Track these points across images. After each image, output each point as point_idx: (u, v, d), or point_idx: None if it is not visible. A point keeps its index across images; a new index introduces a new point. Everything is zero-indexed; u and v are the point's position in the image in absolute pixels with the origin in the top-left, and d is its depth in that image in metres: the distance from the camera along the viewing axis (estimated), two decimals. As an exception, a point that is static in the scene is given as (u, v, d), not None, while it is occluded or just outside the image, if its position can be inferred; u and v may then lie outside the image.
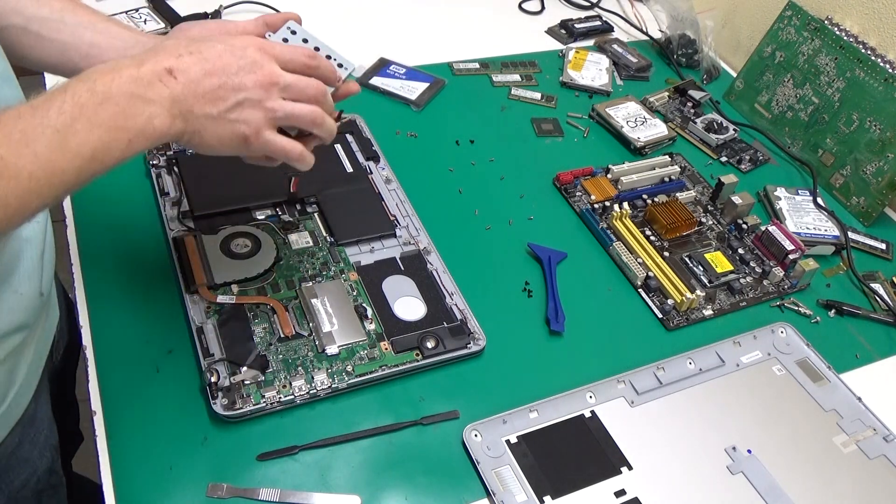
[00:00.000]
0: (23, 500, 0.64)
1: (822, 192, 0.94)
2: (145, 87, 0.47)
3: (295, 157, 0.56)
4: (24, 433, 0.61)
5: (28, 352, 0.58)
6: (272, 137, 0.53)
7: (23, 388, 0.59)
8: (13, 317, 0.53)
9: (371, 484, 0.59)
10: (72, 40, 0.59)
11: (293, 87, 0.53)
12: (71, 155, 0.43)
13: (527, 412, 0.64)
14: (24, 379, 0.58)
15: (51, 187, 0.43)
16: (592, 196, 0.88)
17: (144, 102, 0.46)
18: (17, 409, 0.59)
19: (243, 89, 0.50)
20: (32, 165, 0.42)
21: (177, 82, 0.48)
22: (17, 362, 0.57)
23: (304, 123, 0.55)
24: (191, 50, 0.49)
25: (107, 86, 0.45)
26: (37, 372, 0.62)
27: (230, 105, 0.50)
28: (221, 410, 0.60)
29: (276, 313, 0.68)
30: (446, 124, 0.97)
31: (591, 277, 0.80)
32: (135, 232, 0.75)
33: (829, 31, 0.97)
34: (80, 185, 0.45)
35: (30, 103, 0.43)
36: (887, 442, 0.67)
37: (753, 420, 0.67)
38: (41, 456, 0.65)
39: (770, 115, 1.05)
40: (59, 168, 0.43)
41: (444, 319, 0.70)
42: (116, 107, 0.45)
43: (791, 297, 0.81)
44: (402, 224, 0.80)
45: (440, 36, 1.14)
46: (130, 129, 0.46)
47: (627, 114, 1.01)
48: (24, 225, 0.52)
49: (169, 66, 0.48)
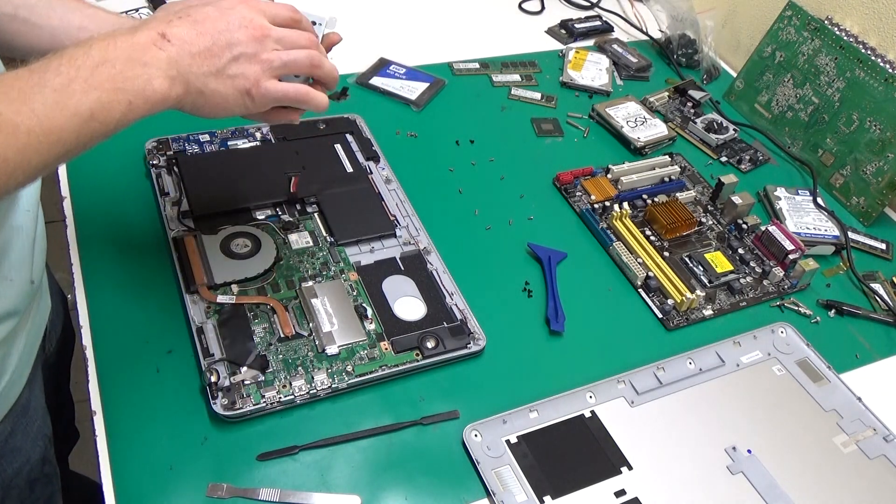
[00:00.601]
0: (15, 489, 0.64)
1: (822, 192, 0.94)
2: (141, 51, 0.48)
3: (302, 97, 0.56)
4: (16, 422, 0.61)
5: (19, 340, 0.59)
6: (273, 85, 0.54)
7: (15, 376, 0.59)
8: (4, 303, 0.54)
9: (371, 484, 0.59)
10: (61, 25, 0.60)
11: (286, 38, 0.54)
12: (69, 113, 0.44)
13: (527, 412, 0.64)
14: (15, 367, 0.59)
15: (50, 144, 0.44)
16: (592, 196, 0.88)
17: (141, 65, 0.48)
18: (9, 397, 0.59)
19: (237, 44, 0.52)
20: (30, 121, 0.42)
21: (171, 45, 0.49)
22: (9, 350, 0.57)
23: (302, 68, 0.55)
24: (180, 15, 0.51)
25: (103, 50, 0.47)
26: (29, 361, 0.62)
27: (226, 61, 0.52)
28: (221, 410, 0.60)
29: (276, 313, 0.68)
30: (446, 124, 0.97)
31: (591, 277, 0.80)
32: (135, 232, 0.75)
33: (829, 31, 0.97)
34: (81, 146, 0.46)
35: (27, 66, 0.44)
36: (887, 442, 0.67)
37: (753, 420, 0.67)
38: (34, 445, 0.65)
39: (770, 115, 1.05)
40: (56, 125, 0.44)
41: (444, 319, 0.70)
42: (113, 69, 0.46)
43: (791, 297, 0.81)
44: (402, 224, 0.80)
45: (440, 36, 1.14)
46: (129, 90, 0.47)
47: (627, 114, 1.01)
48: (15, 213, 0.53)
49: (161, 31, 0.49)
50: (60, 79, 0.44)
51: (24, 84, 0.43)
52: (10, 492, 0.64)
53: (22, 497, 0.65)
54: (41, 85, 0.43)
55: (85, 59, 0.45)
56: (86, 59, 0.45)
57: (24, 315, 0.58)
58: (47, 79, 0.44)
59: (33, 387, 0.64)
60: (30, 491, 0.66)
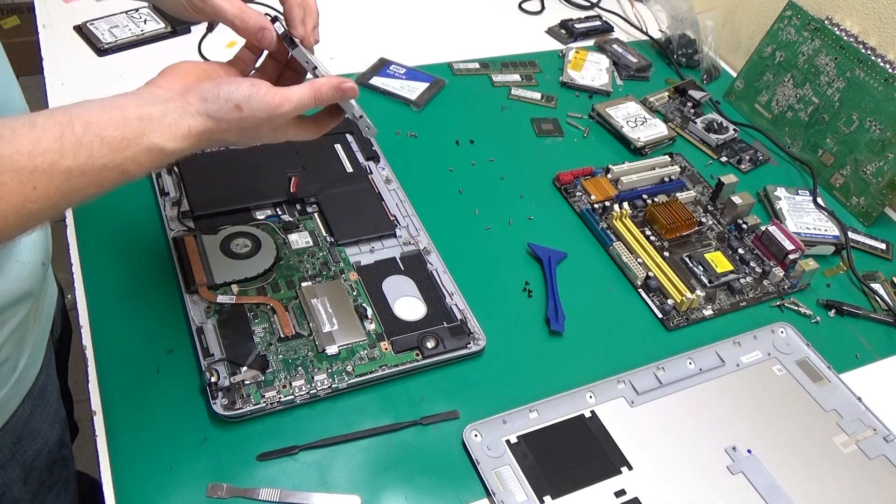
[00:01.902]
0: (36, 470, 0.65)
1: (822, 192, 0.94)
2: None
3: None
4: (35, 405, 0.63)
5: (34, 323, 0.60)
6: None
7: (31, 358, 0.60)
8: (19, 285, 0.55)
9: (371, 484, 0.59)
10: None
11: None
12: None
13: (527, 412, 0.64)
14: (31, 350, 0.60)
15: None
16: (592, 196, 0.88)
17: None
18: (27, 379, 0.61)
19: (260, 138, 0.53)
20: None
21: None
22: (26, 332, 0.59)
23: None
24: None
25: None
26: (42, 344, 0.63)
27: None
28: (221, 410, 0.60)
29: (276, 313, 0.68)
30: (446, 124, 0.97)
31: (591, 277, 0.80)
32: (135, 232, 0.75)
33: (829, 31, 0.97)
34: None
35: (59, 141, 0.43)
36: (887, 442, 0.67)
37: (753, 420, 0.67)
38: (52, 428, 0.66)
39: (770, 115, 1.05)
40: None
41: (444, 319, 0.70)
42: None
43: (791, 297, 0.81)
44: (402, 224, 0.80)
45: (440, 36, 1.14)
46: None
47: (627, 114, 1.01)
48: None
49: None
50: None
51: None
52: (31, 473, 0.64)
53: (42, 478, 0.66)
54: None
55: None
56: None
57: (37, 298, 0.59)
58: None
59: (49, 370, 0.66)
60: (49, 473, 0.67)
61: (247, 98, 0.48)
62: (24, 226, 0.42)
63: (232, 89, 0.48)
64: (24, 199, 0.41)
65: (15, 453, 0.62)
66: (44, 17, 1.03)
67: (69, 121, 0.43)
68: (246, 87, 0.49)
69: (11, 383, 0.58)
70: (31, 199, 0.41)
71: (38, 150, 0.41)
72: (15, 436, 0.61)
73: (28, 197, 0.41)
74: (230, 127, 0.49)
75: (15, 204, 0.41)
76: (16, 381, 0.59)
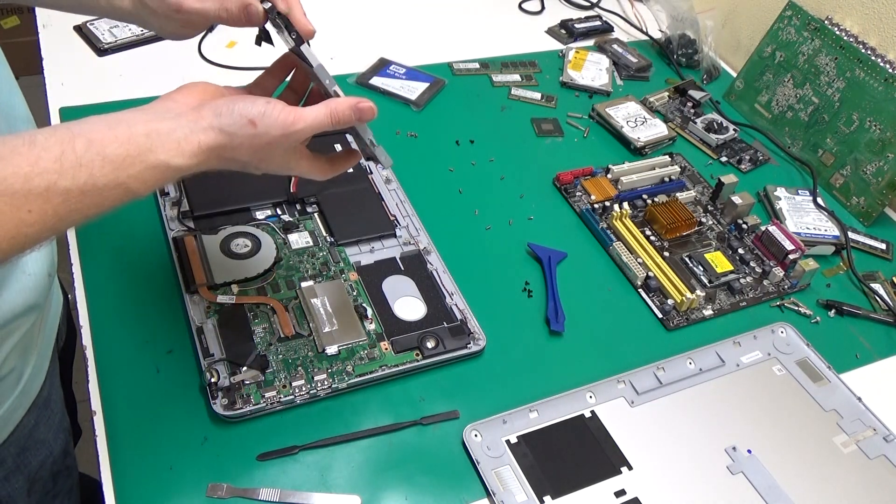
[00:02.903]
0: (39, 481, 0.65)
1: (822, 192, 0.94)
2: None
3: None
4: (39, 415, 0.62)
5: (39, 333, 0.60)
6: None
7: (36, 368, 0.60)
8: (25, 297, 0.54)
9: (371, 484, 0.59)
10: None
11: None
12: None
13: (527, 412, 0.64)
14: (36, 360, 0.60)
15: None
16: (592, 196, 0.88)
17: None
18: (32, 389, 0.61)
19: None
20: None
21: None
22: (30, 343, 0.58)
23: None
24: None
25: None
26: (47, 354, 0.63)
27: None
28: (221, 410, 0.60)
29: (276, 313, 0.68)
30: (446, 124, 0.97)
31: (591, 277, 0.80)
32: (135, 232, 0.75)
33: (829, 31, 0.97)
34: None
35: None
36: (887, 442, 0.67)
37: (753, 420, 0.67)
38: (56, 438, 0.66)
39: (770, 115, 1.05)
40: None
41: (444, 319, 0.70)
42: None
43: (791, 297, 0.81)
44: (402, 224, 0.80)
45: (440, 36, 1.14)
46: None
47: (627, 114, 1.01)
48: None
49: None
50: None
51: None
52: (35, 484, 0.64)
53: (46, 489, 0.66)
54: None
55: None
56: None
57: (43, 309, 0.59)
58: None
59: (53, 379, 0.65)
60: (53, 483, 0.67)
61: (262, 114, 0.48)
62: (21, 249, 0.41)
63: (247, 105, 0.48)
64: (18, 223, 0.40)
65: (19, 464, 0.62)
66: (44, 17, 1.03)
67: (71, 138, 0.42)
68: (261, 103, 0.48)
69: (16, 394, 0.58)
70: (27, 222, 0.40)
71: (35, 172, 0.40)
72: (19, 446, 0.61)
73: (23, 220, 0.40)
74: (242, 143, 0.48)
75: (10, 229, 0.40)
76: (21, 392, 0.58)
